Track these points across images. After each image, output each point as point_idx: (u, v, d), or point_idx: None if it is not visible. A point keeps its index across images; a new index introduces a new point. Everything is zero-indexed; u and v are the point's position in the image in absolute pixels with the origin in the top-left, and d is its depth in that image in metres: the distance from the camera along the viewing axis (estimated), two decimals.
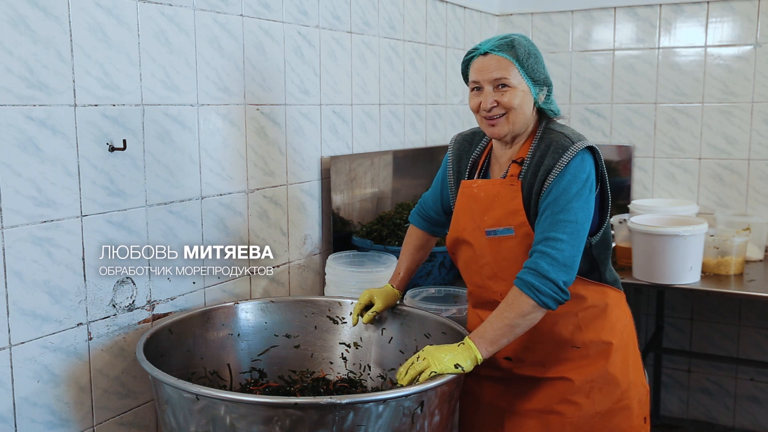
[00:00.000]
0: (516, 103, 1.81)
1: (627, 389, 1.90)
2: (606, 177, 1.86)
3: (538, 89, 1.84)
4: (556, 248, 1.72)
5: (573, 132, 1.84)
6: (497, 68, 1.80)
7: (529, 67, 1.81)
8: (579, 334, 1.88)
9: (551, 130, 1.85)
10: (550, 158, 1.79)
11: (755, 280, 3.05)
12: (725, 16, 3.63)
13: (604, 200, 1.87)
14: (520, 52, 1.81)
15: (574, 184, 1.76)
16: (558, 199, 1.75)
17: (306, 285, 2.74)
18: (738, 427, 3.89)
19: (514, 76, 1.80)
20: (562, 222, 1.74)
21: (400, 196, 3.22)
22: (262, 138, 2.47)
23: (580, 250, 1.76)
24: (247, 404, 1.57)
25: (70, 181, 1.84)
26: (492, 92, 1.82)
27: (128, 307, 2.03)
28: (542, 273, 1.71)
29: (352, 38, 2.92)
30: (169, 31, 2.09)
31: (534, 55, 1.83)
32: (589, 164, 1.79)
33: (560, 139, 1.81)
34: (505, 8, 4.14)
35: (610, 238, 1.94)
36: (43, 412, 1.83)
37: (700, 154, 3.75)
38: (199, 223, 2.24)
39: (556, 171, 1.77)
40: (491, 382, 1.97)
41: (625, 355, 1.93)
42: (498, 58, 1.81)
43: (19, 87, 1.71)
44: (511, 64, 1.80)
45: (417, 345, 2.09)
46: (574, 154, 1.77)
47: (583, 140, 1.80)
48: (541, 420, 1.90)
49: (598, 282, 1.89)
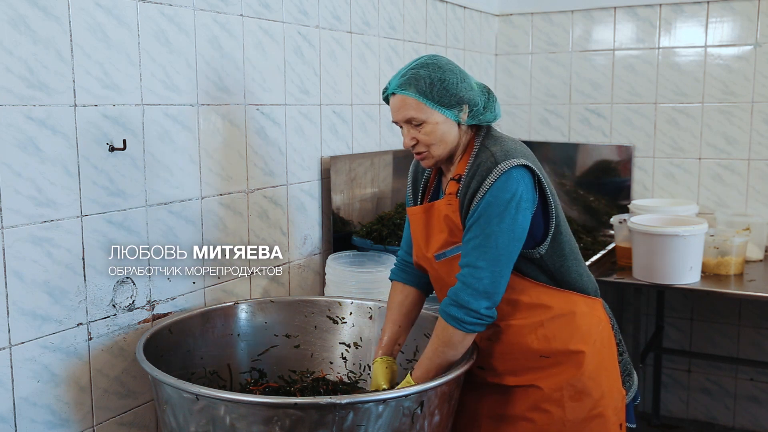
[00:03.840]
0: (435, 138, 1.79)
1: (600, 398, 1.87)
2: (546, 187, 1.81)
3: (457, 110, 1.79)
4: (476, 276, 1.72)
5: (503, 150, 1.78)
6: (404, 108, 1.78)
7: (436, 96, 1.76)
8: (546, 343, 1.86)
9: (485, 148, 1.81)
10: (476, 181, 1.76)
11: (755, 280, 3.05)
12: (725, 16, 3.63)
13: (547, 211, 1.82)
14: (421, 85, 1.76)
15: (495, 207, 1.72)
16: (479, 222, 1.73)
17: (306, 285, 2.74)
18: (738, 427, 3.89)
19: (423, 111, 1.77)
20: (482, 247, 1.72)
21: (400, 196, 3.22)
22: (262, 138, 2.47)
23: (502, 274, 1.74)
24: (247, 404, 1.57)
25: (70, 181, 1.84)
26: (410, 130, 1.80)
27: (128, 307, 2.03)
28: (463, 304, 1.72)
29: (352, 38, 2.92)
30: (169, 31, 2.09)
31: (440, 81, 1.76)
32: (515, 182, 1.73)
33: (487, 159, 1.77)
34: (505, 8, 4.14)
35: (566, 245, 1.88)
36: (43, 412, 1.83)
37: (700, 154, 3.75)
38: (199, 223, 2.24)
39: (480, 194, 1.74)
40: (470, 386, 1.97)
41: (599, 363, 1.89)
42: (402, 98, 1.78)
43: (19, 87, 1.71)
44: (416, 101, 1.76)
45: (417, 345, 2.10)
46: (498, 175, 1.73)
47: (510, 158, 1.74)
48: (515, 426, 1.90)
49: (563, 290, 1.87)
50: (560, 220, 1.86)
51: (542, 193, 1.81)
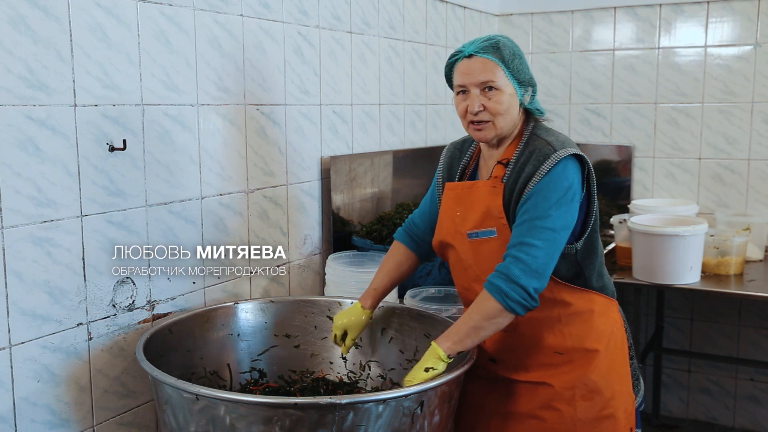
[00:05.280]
0: (503, 108, 1.79)
1: (611, 398, 1.87)
2: (593, 183, 1.84)
3: (524, 90, 1.83)
4: (530, 254, 1.71)
5: (558, 139, 1.81)
6: (483, 71, 1.78)
7: (515, 69, 1.80)
8: (562, 339, 1.87)
9: (537, 137, 1.83)
10: (531, 165, 1.77)
11: (755, 280, 3.05)
12: (725, 16, 3.63)
13: (590, 206, 1.85)
14: (506, 53, 1.79)
15: (554, 192, 1.73)
16: (537, 205, 1.74)
17: (306, 285, 2.74)
18: (738, 427, 3.89)
19: (501, 78, 1.78)
20: (539, 228, 1.72)
21: (400, 196, 3.22)
22: (262, 138, 2.47)
23: (554, 258, 1.74)
24: (247, 404, 1.57)
25: (70, 181, 1.84)
26: (479, 95, 1.80)
27: (128, 307, 2.03)
28: (513, 278, 1.70)
29: (352, 38, 2.92)
30: (169, 31, 2.09)
31: (519, 56, 1.82)
32: (572, 172, 1.77)
33: (543, 146, 1.79)
34: (505, 8, 4.14)
35: (598, 244, 1.90)
36: (43, 412, 1.83)
37: (700, 154, 3.75)
38: (199, 223, 2.24)
39: (536, 178, 1.75)
40: (480, 381, 1.97)
41: (612, 364, 1.90)
42: (483, 60, 1.78)
43: (19, 87, 1.71)
44: (497, 65, 1.78)
45: (417, 345, 2.09)
46: (555, 162, 1.75)
47: (567, 148, 1.78)
48: (525, 424, 1.89)
49: (584, 288, 1.88)
50: (597, 217, 1.88)
51: (587, 188, 1.83)
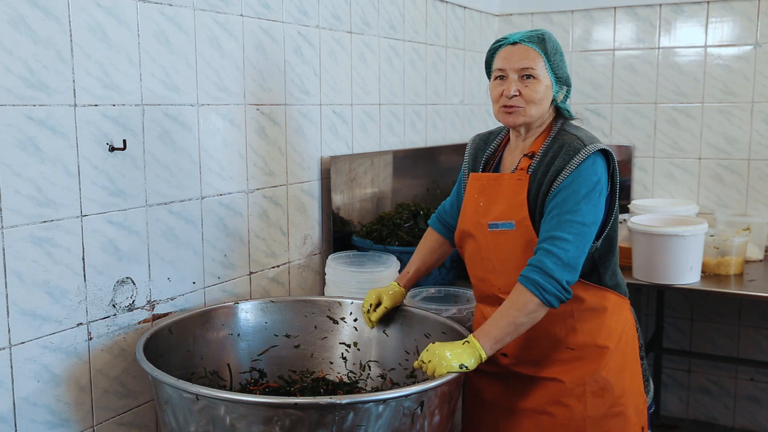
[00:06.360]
0: (537, 96, 1.83)
1: (621, 395, 1.88)
2: (617, 181, 1.86)
3: (559, 87, 1.87)
4: (562, 248, 1.72)
5: (587, 135, 1.85)
6: (525, 57, 1.83)
7: (555, 63, 1.85)
8: (573, 335, 1.88)
9: (566, 132, 1.87)
10: (561, 159, 1.80)
11: (755, 280, 3.05)
12: (725, 16, 3.63)
13: (612, 204, 1.87)
14: (549, 46, 1.84)
15: (584, 186, 1.76)
16: (567, 199, 1.76)
17: (306, 285, 2.74)
18: (738, 427, 3.89)
19: (541, 68, 1.83)
20: (569, 222, 1.74)
21: (400, 196, 3.22)
22: (262, 138, 2.47)
23: (584, 251, 1.76)
24: (247, 404, 1.57)
25: (70, 181, 1.84)
26: (516, 81, 1.84)
27: (128, 307, 2.03)
28: (547, 271, 1.71)
29: (352, 38, 2.92)
30: (169, 31, 2.09)
31: (560, 54, 1.87)
32: (600, 168, 1.80)
33: (573, 141, 1.82)
34: (505, 8, 4.14)
35: (615, 243, 1.93)
36: (43, 412, 1.83)
37: (700, 154, 3.75)
38: (199, 223, 2.24)
39: (566, 172, 1.78)
40: (491, 378, 1.98)
41: (622, 362, 1.91)
42: (527, 49, 1.84)
43: (19, 87, 1.71)
44: (539, 56, 1.83)
45: (417, 345, 2.09)
46: (585, 156, 1.78)
47: (596, 143, 1.81)
48: (534, 420, 1.90)
49: (598, 285, 1.89)
50: (617, 215, 1.90)
51: (611, 186, 1.85)
